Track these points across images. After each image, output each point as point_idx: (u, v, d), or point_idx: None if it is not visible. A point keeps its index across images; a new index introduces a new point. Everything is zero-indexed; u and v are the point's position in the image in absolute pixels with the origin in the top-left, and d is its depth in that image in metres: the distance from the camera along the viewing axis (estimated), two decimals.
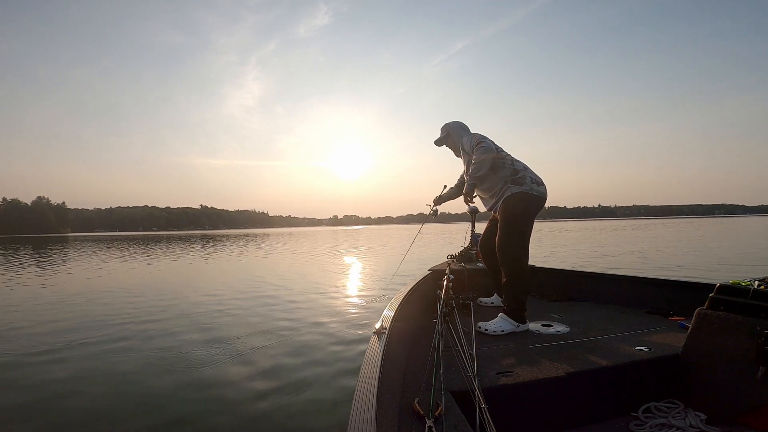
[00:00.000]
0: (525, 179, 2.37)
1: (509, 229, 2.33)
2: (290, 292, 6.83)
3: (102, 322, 4.91)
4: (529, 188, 2.35)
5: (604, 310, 2.66)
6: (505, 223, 2.35)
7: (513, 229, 2.33)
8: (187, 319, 5.03)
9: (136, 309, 5.70)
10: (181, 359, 3.47)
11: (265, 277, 9.05)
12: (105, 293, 7.18)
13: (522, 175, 2.39)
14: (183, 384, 2.92)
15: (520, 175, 2.38)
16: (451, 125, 2.77)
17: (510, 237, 2.32)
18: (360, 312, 5.22)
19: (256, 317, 5.02)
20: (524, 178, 2.38)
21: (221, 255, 16.79)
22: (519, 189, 2.35)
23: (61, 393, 2.83)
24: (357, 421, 0.92)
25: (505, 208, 2.37)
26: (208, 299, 6.39)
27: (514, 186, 2.36)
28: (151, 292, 7.16)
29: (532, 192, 2.35)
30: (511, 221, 2.34)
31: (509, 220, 2.34)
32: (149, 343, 4.00)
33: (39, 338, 4.25)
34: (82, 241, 41.37)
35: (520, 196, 2.34)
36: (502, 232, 2.36)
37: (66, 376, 3.16)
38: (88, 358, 3.59)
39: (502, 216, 2.38)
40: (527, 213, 2.35)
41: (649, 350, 1.74)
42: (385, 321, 1.64)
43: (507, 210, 2.36)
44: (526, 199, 2.34)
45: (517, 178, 2.38)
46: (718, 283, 1.66)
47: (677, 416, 1.49)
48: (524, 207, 2.34)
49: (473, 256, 3.75)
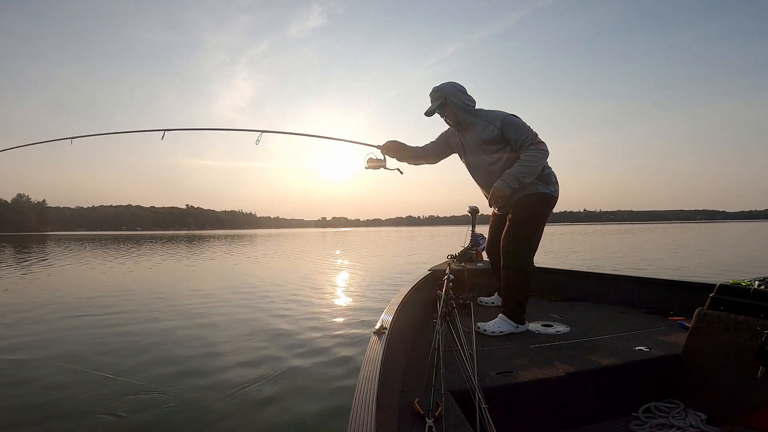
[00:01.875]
0: (551, 177, 2.18)
1: (524, 228, 2.16)
2: (289, 293, 6.79)
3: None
4: (554, 189, 2.18)
5: (604, 310, 2.66)
6: (521, 223, 2.16)
7: (528, 228, 2.16)
8: (185, 319, 4.95)
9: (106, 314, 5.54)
10: (181, 360, 3.42)
11: (262, 277, 8.97)
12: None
13: (548, 172, 2.17)
14: (182, 385, 2.88)
15: (546, 172, 2.16)
16: (448, 89, 2.24)
17: (524, 239, 2.16)
18: (360, 312, 5.21)
19: (254, 318, 4.98)
20: (550, 176, 2.18)
21: (208, 256, 16.54)
22: (545, 189, 2.15)
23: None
24: (357, 421, 0.91)
25: (524, 207, 2.16)
26: (207, 300, 6.31)
27: (541, 185, 2.15)
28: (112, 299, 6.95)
29: (553, 194, 2.18)
30: (527, 220, 2.16)
31: (526, 220, 2.16)
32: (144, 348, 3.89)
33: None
34: (57, 240, 40.35)
35: (543, 196, 2.15)
36: (515, 232, 2.17)
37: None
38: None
39: (519, 215, 2.17)
40: (545, 214, 2.20)
41: (649, 350, 1.73)
42: (385, 321, 1.62)
43: (526, 209, 2.16)
44: (547, 200, 2.17)
45: (543, 176, 2.14)
46: (718, 283, 1.67)
47: (677, 416, 1.48)
48: (544, 209, 2.18)
49: (473, 256, 3.74)
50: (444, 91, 2.24)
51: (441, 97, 2.24)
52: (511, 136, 2.13)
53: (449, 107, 2.25)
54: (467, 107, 2.24)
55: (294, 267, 11.41)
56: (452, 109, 2.25)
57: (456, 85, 2.27)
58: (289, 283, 8.08)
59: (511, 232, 2.18)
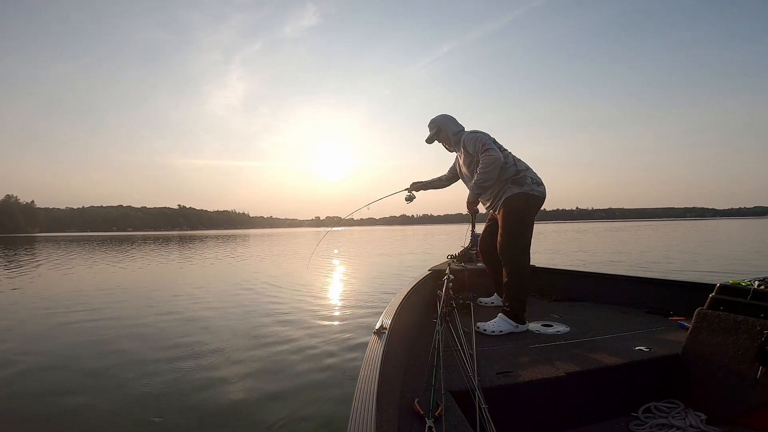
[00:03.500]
0: (526, 179, 2.36)
1: (510, 229, 2.31)
2: (289, 293, 6.76)
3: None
4: (530, 188, 2.34)
5: (604, 310, 2.67)
6: (506, 224, 2.33)
7: (514, 229, 2.31)
8: (185, 320, 4.91)
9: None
10: (180, 361, 3.40)
11: (259, 278, 8.90)
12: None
13: (523, 175, 2.37)
14: (182, 385, 2.87)
15: (521, 176, 2.37)
16: (440, 120, 2.66)
17: (511, 237, 2.31)
18: (359, 312, 5.21)
19: (254, 318, 4.94)
20: (525, 178, 2.37)
21: (207, 257, 16.40)
22: (519, 189, 2.33)
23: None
24: (357, 421, 0.91)
25: (506, 209, 2.35)
26: (207, 299, 6.28)
27: (515, 186, 2.35)
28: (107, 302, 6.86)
29: (532, 192, 2.34)
30: (512, 222, 2.32)
31: (510, 220, 2.33)
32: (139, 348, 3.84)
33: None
34: (44, 242, 39.70)
35: (519, 196, 2.33)
36: (503, 231, 2.34)
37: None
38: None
39: (503, 216, 2.36)
40: (528, 213, 2.34)
41: (649, 350, 1.73)
42: (385, 321, 1.62)
43: (508, 210, 2.34)
44: (526, 199, 2.33)
45: (518, 179, 2.36)
46: (718, 283, 1.67)
47: (677, 416, 1.48)
48: (524, 207, 2.33)
49: (473, 256, 3.74)
50: (437, 123, 2.65)
51: (435, 127, 2.65)
52: (471, 151, 2.44)
53: (442, 135, 2.65)
54: (453, 134, 2.59)
55: (294, 266, 11.35)
56: (444, 137, 2.64)
57: (447, 116, 2.66)
58: (289, 283, 8.05)
59: (502, 236, 2.35)
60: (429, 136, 2.70)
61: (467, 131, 2.53)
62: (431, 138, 2.71)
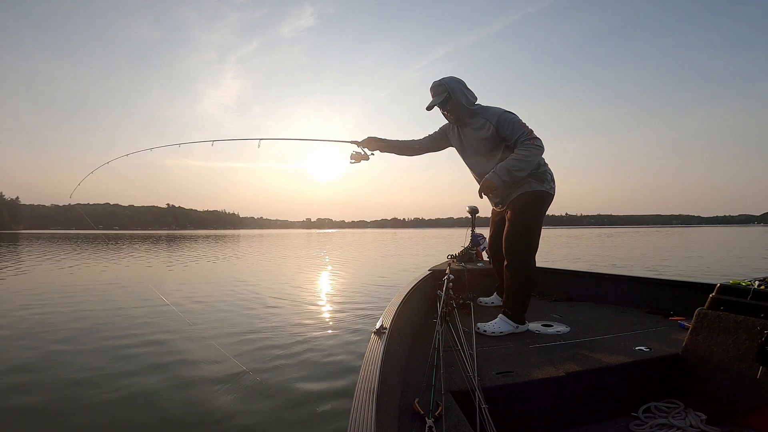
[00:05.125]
0: (546, 175, 2.17)
1: (523, 229, 2.15)
2: (288, 294, 6.71)
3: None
4: (549, 187, 2.17)
5: (604, 310, 2.66)
6: (519, 223, 2.16)
7: (526, 229, 2.15)
8: (185, 319, 4.85)
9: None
10: (179, 362, 3.35)
11: (258, 278, 8.83)
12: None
13: (543, 170, 2.16)
14: (181, 387, 2.83)
15: (542, 170, 2.15)
16: (452, 85, 2.16)
17: (523, 238, 2.16)
18: (359, 312, 5.19)
19: (253, 318, 4.89)
20: (545, 174, 2.17)
21: (206, 257, 16.20)
22: (540, 187, 2.14)
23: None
24: (357, 421, 0.90)
25: (521, 206, 2.16)
26: (206, 299, 6.21)
27: (535, 182, 2.14)
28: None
29: (549, 191, 2.18)
30: (525, 221, 2.16)
31: (524, 219, 2.16)
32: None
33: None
34: (28, 239, 38.88)
35: (538, 194, 2.15)
36: (514, 231, 2.17)
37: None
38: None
39: (516, 214, 2.17)
40: (542, 213, 2.20)
41: (649, 350, 1.73)
42: (385, 321, 1.60)
43: (523, 208, 2.16)
44: (542, 198, 2.16)
45: (538, 173, 2.14)
46: (718, 283, 1.67)
47: (677, 416, 1.48)
48: (541, 206, 2.18)
49: (473, 256, 3.73)
50: (447, 86, 2.16)
51: (444, 92, 2.16)
52: (506, 133, 2.09)
53: (451, 102, 2.18)
54: (469, 103, 2.19)
55: (294, 266, 11.29)
56: (454, 105, 2.18)
57: (458, 79, 2.21)
58: (289, 283, 8.00)
59: (511, 232, 2.18)
60: (432, 101, 2.20)
61: (502, 109, 2.16)
62: (433, 105, 2.21)
